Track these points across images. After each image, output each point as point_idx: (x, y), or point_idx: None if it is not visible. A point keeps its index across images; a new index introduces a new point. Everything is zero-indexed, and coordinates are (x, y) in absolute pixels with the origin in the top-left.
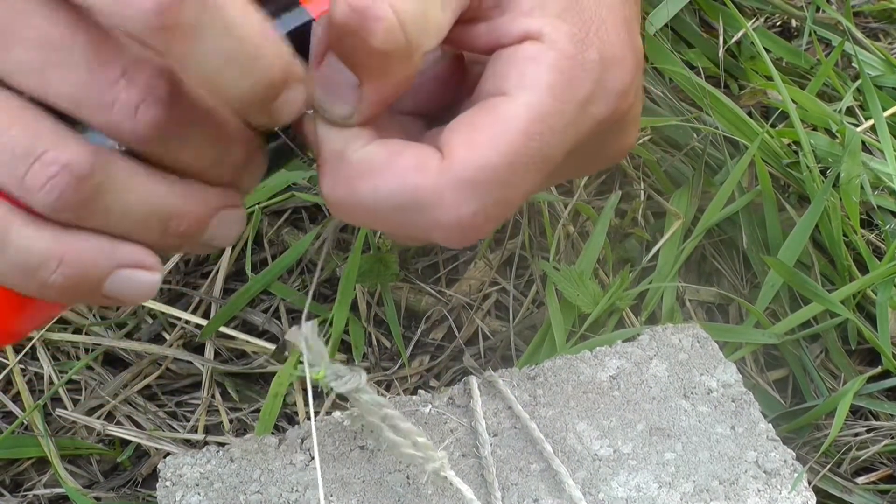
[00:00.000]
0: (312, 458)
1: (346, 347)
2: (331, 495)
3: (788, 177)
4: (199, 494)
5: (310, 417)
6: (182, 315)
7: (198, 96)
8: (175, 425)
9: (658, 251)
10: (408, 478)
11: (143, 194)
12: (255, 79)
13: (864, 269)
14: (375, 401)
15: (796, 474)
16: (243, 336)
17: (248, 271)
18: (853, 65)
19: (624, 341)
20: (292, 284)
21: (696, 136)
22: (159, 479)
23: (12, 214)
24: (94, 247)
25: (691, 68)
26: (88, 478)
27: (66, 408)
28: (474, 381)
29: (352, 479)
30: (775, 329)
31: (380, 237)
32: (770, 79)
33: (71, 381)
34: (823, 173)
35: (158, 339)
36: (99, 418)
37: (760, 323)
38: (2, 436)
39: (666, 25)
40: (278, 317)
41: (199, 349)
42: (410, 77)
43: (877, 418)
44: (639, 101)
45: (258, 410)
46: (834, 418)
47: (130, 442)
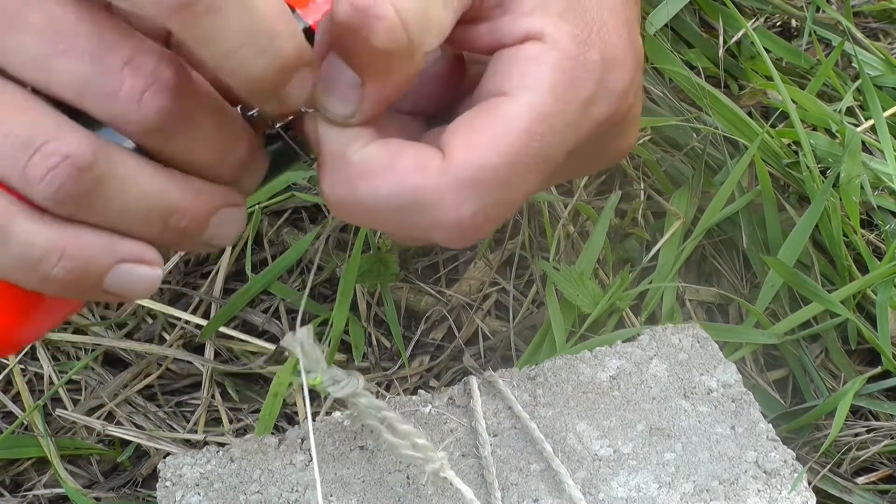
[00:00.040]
0: (312, 457)
1: (346, 347)
2: (331, 495)
3: (788, 177)
4: (199, 494)
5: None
6: (182, 315)
7: (203, 85)
8: (175, 425)
9: (658, 251)
10: (408, 478)
11: (144, 188)
12: (271, 57)
13: (864, 270)
14: (374, 404)
15: (796, 474)
16: (243, 336)
17: (248, 271)
18: (853, 65)
19: (624, 341)
20: (292, 284)
21: (696, 136)
22: (159, 479)
23: (14, 207)
24: (95, 240)
25: (691, 68)
26: (88, 478)
27: (66, 408)
28: (474, 381)
29: (352, 479)
30: (775, 329)
31: (380, 237)
32: (770, 79)
33: (71, 381)
34: (823, 173)
35: (158, 340)
36: (99, 418)
37: (760, 323)
38: (2, 436)
39: (666, 25)
40: (278, 317)
41: (199, 349)
42: (412, 76)
43: (877, 418)
44: (639, 102)
45: (258, 410)
46: (834, 418)
47: (130, 442)
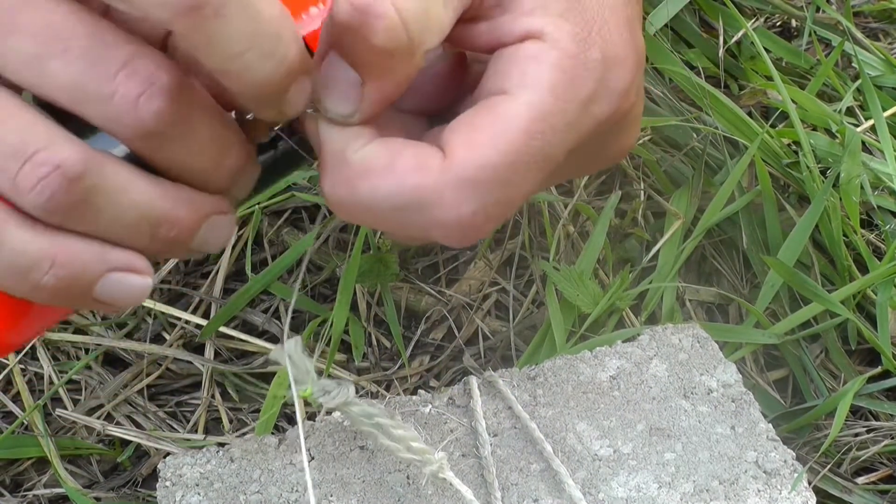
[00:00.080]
0: (313, 457)
1: (345, 347)
2: (331, 495)
3: (788, 177)
4: (199, 494)
5: (310, 418)
6: (182, 315)
7: (200, 91)
8: (175, 425)
9: (658, 251)
10: (408, 478)
11: (135, 198)
12: (277, 61)
13: (864, 270)
14: (366, 412)
15: (796, 474)
16: (243, 336)
17: (248, 271)
18: (853, 65)
19: (624, 341)
20: (292, 284)
21: (695, 136)
22: (159, 479)
23: (5, 215)
24: (86, 249)
25: (691, 68)
26: (88, 478)
27: (66, 408)
28: (474, 381)
29: (352, 479)
30: (775, 329)
31: (380, 237)
32: (770, 79)
33: (71, 381)
34: (823, 173)
35: (158, 339)
36: (99, 418)
37: (760, 323)
38: (2, 436)
39: (666, 25)
40: (278, 317)
41: (199, 349)
42: (412, 75)
43: (877, 418)
44: (640, 101)
45: (258, 410)
46: (834, 418)
47: (130, 442)
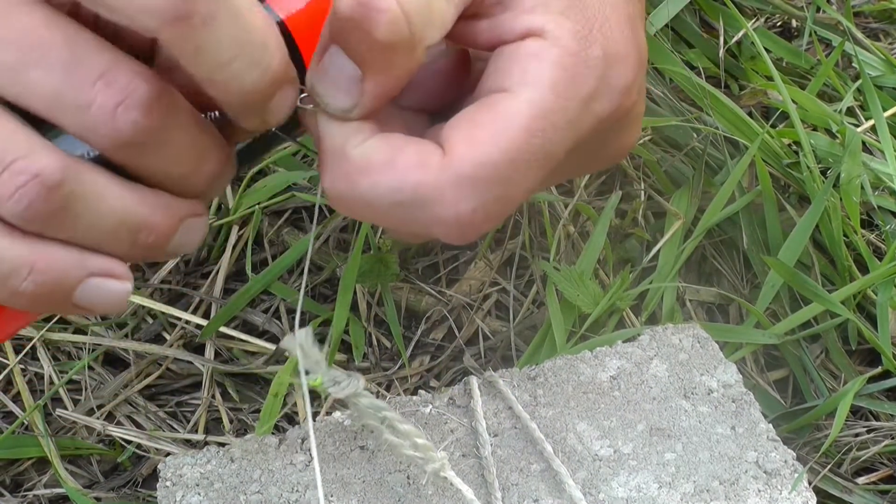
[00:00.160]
0: (313, 457)
1: (346, 347)
2: (331, 495)
3: (789, 177)
4: (199, 494)
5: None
6: (182, 315)
7: (179, 101)
8: (175, 425)
9: (658, 251)
10: (408, 478)
11: (113, 205)
12: (262, 70)
13: (864, 270)
14: (374, 405)
15: (797, 474)
16: (244, 336)
17: (249, 271)
18: (853, 65)
19: (624, 341)
20: (292, 284)
21: (696, 136)
22: (159, 480)
23: None
24: (65, 255)
25: (692, 68)
26: (88, 478)
27: (66, 408)
28: (474, 381)
29: (352, 479)
30: (775, 329)
31: (380, 237)
32: (770, 79)
33: (71, 381)
34: (824, 173)
35: (158, 339)
36: (99, 418)
37: (761, 323)
38: (2, 436)
39: (666, 25)
40: (278, 317)
41: (199, 349)
42: (413, 70)
43: (877, 418)
44: (642, 99)
45: (258, 410)
46: (834, 418)
47: (130, 442)
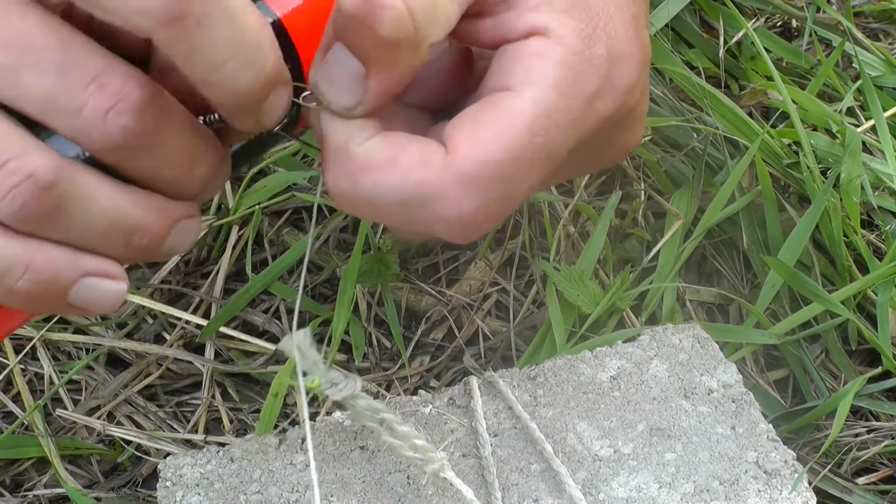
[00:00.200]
0: (310, 461)
1: (346, 347)
2: (331, 495)
3: (789, 177)
4: (199, 495)
5: (310, 418)
6: (182, 315)
7: (172, 104)
8: (175, 425)
9: (658, 251)
10: (408, 478)
11: (106, 207)
12: (256, 70)
13: (864, 270)
14: (372, 406)
15: (797, 475)
16: (244, 336)
17: (249, 271)
18: (853, 65)
19: (624, 342)
20: (292, 284)
21: (696, 136)
22: (159, 480)
23: None
24: (60, 255)
25: (692, 68)
26: (89, 478)
27: (66, 408)
28: (475, 381)
29: (352, 480)
30: (775, 329)
31: (380, 237)
32: (770, 79)
33: (71, 382)
34: (824, 174)
35: (159, 339)
36: (99, 418)
37: (761, 323)
38: (2, 436)
39: (666, 25)
40: (279, 317)
41: (199, 349)
42: (417, 68)
43: (877, 419)
44: (645, 99)
45: (258, 410)
46: (834, 419)
47: (131, 442)
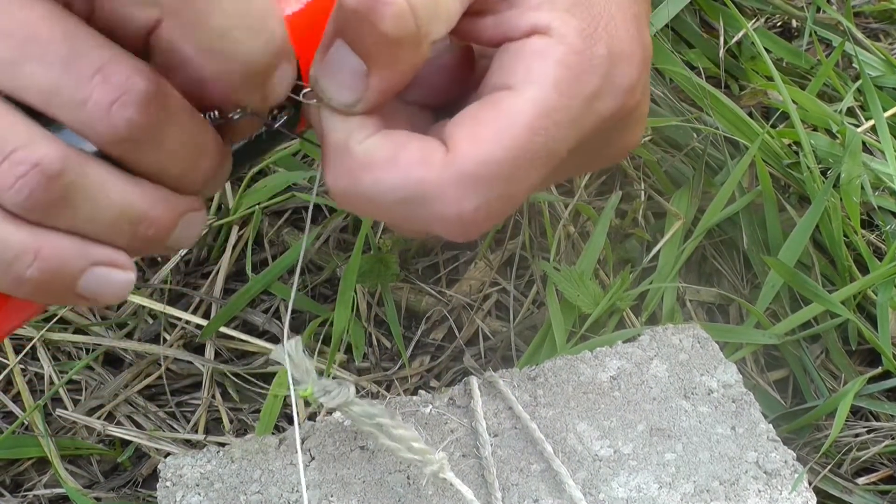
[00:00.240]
0: (313, 458)
1: (346, 348)
2: (331, 495)
3: (789, 177)
4: (199, 495)
5: (310, 418)
6: (182, 315)
7: (176, 98)
8: (175, 425)
9: (658, 251)
10: (408, 478)
11: (113, 197)
12: (265, 40)
13: (864, 270)
14: (366, 412)
15: (797, 475)
16: (244, 336)
17: (249, 271)
18: (854, 65)
19: (624, 342)
20: (292, 285)
21: (696, 136)
22: (160, 480)
23: None
24: (69, 244)
25: (692, 69)
26: (89, 478)
27: (66, 408)
28: (475, 381)
29: (352, 480)
30: (776, 329)
31: (380, 237)
32: (770, 79)
33: (71, 382)
34: (824, 174)
35: (159, 340)
36: (99, 418)
37: (761, 323)
38: (2, 436)
39: (666, 26)
40: (279, 317)
41: (199, 349)
42: (418, 65)
43: (877, 419)
44: (646, 99)
45: (258, 410)
46: (834, 419)
47: (131, 442)
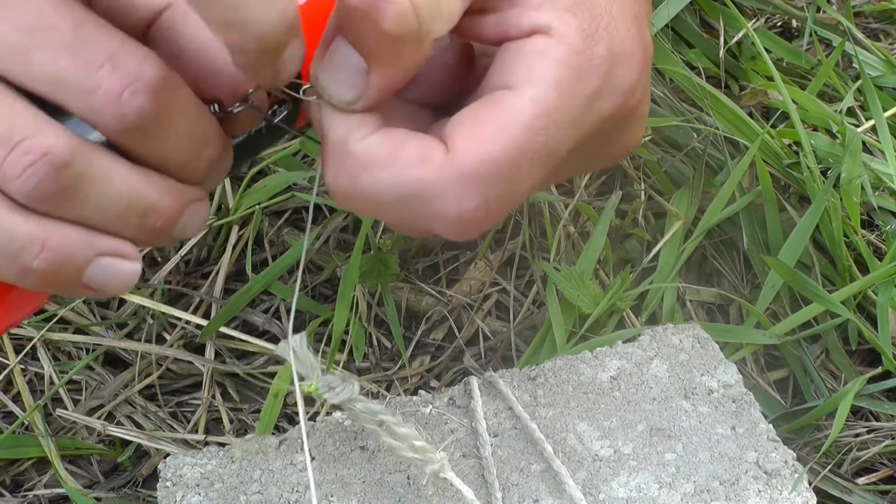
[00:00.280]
0: (314, 458)
1: (346, 348)
2: (331, 495)
3: (789, 177)
4: (199, 495)
5: (311, 418)
6: (182, 315)
7: (182, 87)
8: (175, 425)
9: (658, 252)
10: (408, 478)
11: (121, 187)
12: (278, 11)
13: (864, 270)
14: (370, 409)
15: (797, 475)
16: (244, 336)
17: (249, 271)
18: (854, 65)
19: (624, 342)
20: (292, 285)
21: (696, 136)
22: (160, 480)
23: None
24: (76, 234)
25: (692, 69)
26: (89, 478)
27: (66, 408)
28: (475, 381)
29: (352, 480)
30: (776, 329)
31: (380, 237)
32: (771, 79)
33: (71, 382)
34: (824, 174)
35: (159, 340)
36: (99, 418)
37: (761, 323)
38: (2, 436)
39: (666, 26)
40: (279, 317)
41: (199, 349)
42: (419, 63)
43: (877, 419)
44: (646, 99)
45: (259, 410)
46: (834, 419)
47: (131, 442)
